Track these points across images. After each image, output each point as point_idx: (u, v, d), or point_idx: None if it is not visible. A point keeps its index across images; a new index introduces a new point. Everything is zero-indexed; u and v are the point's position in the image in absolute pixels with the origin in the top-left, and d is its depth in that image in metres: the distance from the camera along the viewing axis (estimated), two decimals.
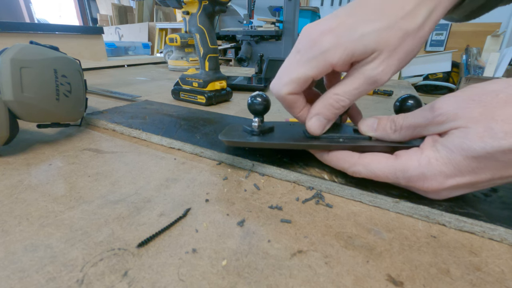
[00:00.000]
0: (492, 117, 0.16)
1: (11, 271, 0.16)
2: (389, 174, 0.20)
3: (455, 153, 0.17)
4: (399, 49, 0.20)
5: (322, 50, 0.20)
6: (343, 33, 0.20)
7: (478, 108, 0.17)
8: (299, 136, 0.26)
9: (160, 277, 0.16)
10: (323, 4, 2.96)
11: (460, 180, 0.18)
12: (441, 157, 0.18)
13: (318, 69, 0.21)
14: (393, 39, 0.19)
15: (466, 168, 0.17)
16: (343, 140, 0.24)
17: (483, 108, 0.17)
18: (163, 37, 2.91)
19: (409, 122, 0.21)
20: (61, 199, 0.23)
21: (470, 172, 0.17)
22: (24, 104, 0.28)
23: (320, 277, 0.16)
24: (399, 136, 0.22)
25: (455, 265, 0.17)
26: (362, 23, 0.20)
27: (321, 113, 0.23)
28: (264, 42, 2.10)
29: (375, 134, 0.23)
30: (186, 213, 0.21)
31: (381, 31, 0.19)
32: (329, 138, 0.24)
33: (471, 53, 2.00)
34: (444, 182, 0.18)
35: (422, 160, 0.19)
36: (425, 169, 0.19)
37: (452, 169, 0.18)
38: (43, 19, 3.44)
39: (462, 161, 0.17)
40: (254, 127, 0.27)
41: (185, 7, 0.50)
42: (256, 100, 0.26)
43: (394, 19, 0.19)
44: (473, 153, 0.17)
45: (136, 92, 0.64)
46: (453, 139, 0.18)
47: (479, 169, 0.17)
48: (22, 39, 0.93)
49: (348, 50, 0.20)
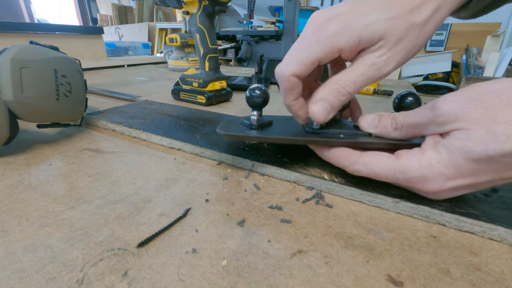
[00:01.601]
0: (493, 119, 0.16)
1: (11, 271, 0.16)
2: (389, 174, 0.20)
3: (456, 155, 0.17)
4: (405, 40, 0.20)
5: (330, 34, 0.21)
6: (351, 20, 0.20)
7: (479, 109, 0.17)
8: (298, 131, 0.26)
9: (160, 277, 0.16)
10: (323, 4, 2.96)
11: (460, 182, 0.18)
12: (442, 159, 0.18)
13: (324, 52, 0.21)
14: (400, 29, 0.20)
15: (467, 170, 0.17)
16: (343, 136, 0.23)
17: (484, 109, 0.17)
18: (163, 37, 2.91)
19: (410, 120, 0.21)
20: (61, 199, 0.23)
21: (471, 174, 0.17)
22: (24, 104, 0.28)
23: (320, 277, 0.16)
24: (399, 134, 0.22)
25: (455, 265, 0.17)
26: (370, 11, 0.20)
27: (325, 98, 0.22)
28: (264, 42, 2.10)
29: (375, 131, 0.23)
30: (186, 213, 0.21)
31: (389, 21, 0.20)
32: (329, 133, 0.24)
33: (471, 53, 2.00)
34: (445, 183, 0.18)
35: (423, 161, 0.19)
36: (426, 170, 0.19)
37: (453, 171, 0.18)
38: (43, 19, 3.44)
39: (463, 163, 0.17)
40: (252, 121, 0.27)
41: (185, 7, 0.50)
42: (254, 93, 0.26)
43: (401, 11, 0.20)
44: (475, 156, 0.17)
45: (136, 92, 0.64)
46: (454, 141, 0.17)
47: (480, 171, 0.17)
48: (22, 39, 0.93)
49: (355, 35, 0.20)
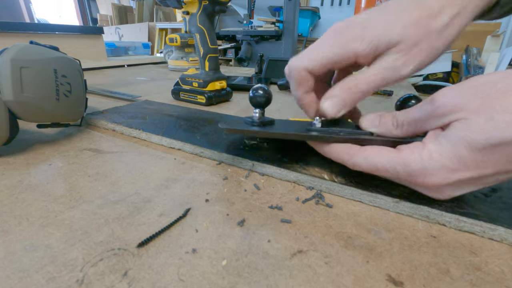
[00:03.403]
0: (492, 106, 0.16)
1: (11, 271, 0.16)
2: (390, 167, 0.20)
3: (458, 146, 0.17)
4: (423, 45, 0.20)
5: (348, 38, 0.21)
6: (370, 26, 0.21)
7: (477, 99, 0.17)
8: (299, 129, 0.25)
9: (160, 277, 0.16)
10: (323, 4, 2.96)
11: (464, 175, 0.17)
12: (444, 151, 0.17)
13: (341, 55, 0.22)
14: (418, 34, 0.20)
15: (471, 162, 0.17)
16: (343, 134, 0.23)
17: (482, 99, 0.17)
18: (163, 37, 2.91)
19: (410, 117, 0.20)
20: (61, 199, 0.23)
21: (474, 166, 0.17)
22: (24, 104, 0.28)
23: (320, 277, 0.16)
24: (401, 132, 0.21)
25: (455, 265, 0.17)
26: (389, 18, 0.21)
27: (338, 95, 0.23)
28: (264, 42, 2.11)
29: (377, 130, 0.23)
30: (186, 213, 0.21)
31: (407, 26, 0.20)
32: (330, 131, 0.24)
33: (471, 53, 2.00)
34: (448, 177, 0.18)
35: (424, 154, 0.18)
36: (427, 163, 0.18)
37: (456, 163, 0.17)
38: (43, 19, 3.44)
39: (466, 154, 0.17)
40: (255, 118, 0.27)
41: (185, 7, 0.50)
42: (258, 92, 0.26)
43: (419, 17, 0.20)
44: (478, 145, 0.16)
45: (136, 92, 0.64)
46: (455, 132, 0.17)
47: (483, 162, 0.17)
48: (22, 39, 0.93)
49: (374, 41, 0.20)
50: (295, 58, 0.24)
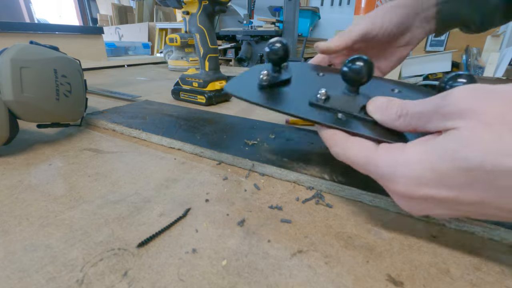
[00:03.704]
0: (506, 122, 0.13)
1: (11, 271, 0.16)
2: (363, 165, 0.18)
3: (443, 159, 0.14)
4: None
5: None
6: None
7: (492, 109, 0.13)
8: (302, 102, 0.24)
9: (160, 277, 0.16)
10: (323, 4, 2.96)
11: (437, 193, 0.15)
12: (425, 159, 0.15)
13: None
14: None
15: (450, 181, 0.14)
16: (340, 116, 0.22)
17: (499, 112, 0.13)
18: (163, 37, 2.91)
19: (417, 108, 0.17)
20: (61, 199, 0.23)
21: (453, 186, 0.14)
22: (24, 104, 0.28)
23: (320, 277, 0.16)
24: (403, 123, 0.18)
25: (455, 265, 0.17)
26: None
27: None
28: (264, 42, 2.10)
29: (380, 117, 0.20)
30: (186, 213, 0.21)
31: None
32: (330, 110, 0.23)
33: (471, 53, 2.00)
34: (416, 189, 0.15)
35: (399, 158, 0.16)
36: (398, 168, 0.16)
37: (431, 177, 0.15)
38: (43, 19, 3.44)
39: (448, 171, 0.14)
40: (262, 78, 0.25)
41: (185, 7, 0.50)
42: (274, 46, 0.24)
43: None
44: (467, 165, 0.13)
45: (136, 92, 0.64)
46: (447, 142, 0.14)
47: (468, 185, 0.14)
48: (22, 39, 0.93)
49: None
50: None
